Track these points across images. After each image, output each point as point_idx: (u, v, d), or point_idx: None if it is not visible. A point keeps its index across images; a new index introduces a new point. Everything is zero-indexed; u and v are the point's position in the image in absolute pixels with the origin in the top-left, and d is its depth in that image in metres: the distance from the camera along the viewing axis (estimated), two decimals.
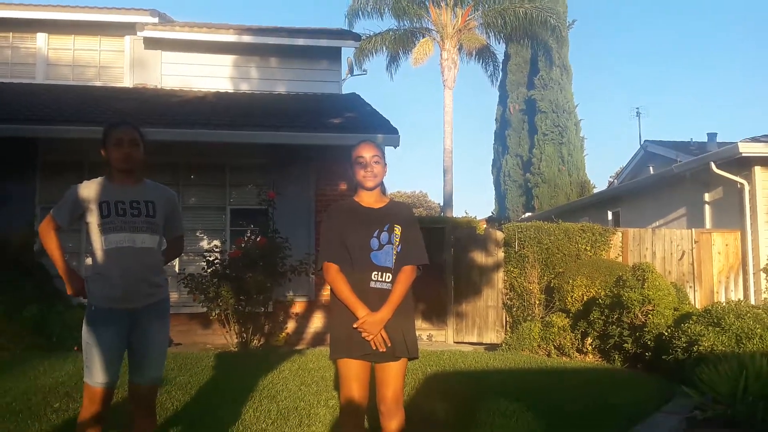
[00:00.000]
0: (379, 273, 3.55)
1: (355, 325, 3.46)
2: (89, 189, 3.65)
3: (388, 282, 3.56)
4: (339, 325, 3.58)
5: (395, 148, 11.06)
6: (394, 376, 3.58)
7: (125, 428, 3.81)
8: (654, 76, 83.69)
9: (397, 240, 3.60)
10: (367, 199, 3.71)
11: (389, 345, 3.48)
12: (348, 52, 15.67)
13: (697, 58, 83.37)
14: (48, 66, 13.47)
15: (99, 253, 3.59)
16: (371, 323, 3.44)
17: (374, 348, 3.46)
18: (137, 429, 3.72)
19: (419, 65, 24.64)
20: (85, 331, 3.56)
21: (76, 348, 8.68)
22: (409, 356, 3.60)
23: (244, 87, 13.74)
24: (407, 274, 3.59)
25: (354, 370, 3.53)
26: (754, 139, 12.95)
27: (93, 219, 3.60)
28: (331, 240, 3.62)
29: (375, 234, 3.58)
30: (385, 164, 3.77)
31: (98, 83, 13.44)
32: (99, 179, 3.71)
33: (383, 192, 3.81)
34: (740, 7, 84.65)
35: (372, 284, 3.54)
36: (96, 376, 3.51)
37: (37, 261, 10.51)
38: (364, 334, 3.45)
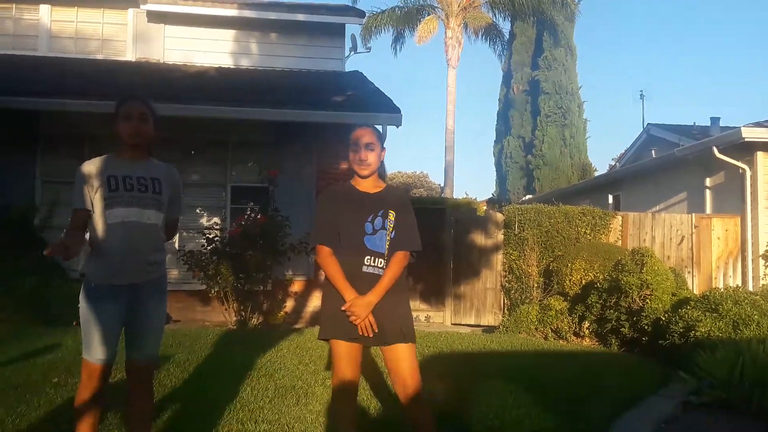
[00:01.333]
0: (372, 258, 3.54)
1: (343, 308, 3.46)
2: (94, 165, 3.62)
3: (380, 267, 3.55)
4: (328, 306, 3.58)
5: (397, 127, 11.07)
6: (402, 355, 3.55)
7: (123, 405, 3.81)
8: (659, 59, 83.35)
9: (391, 226, 3.59)
10: (364, 184, 3.68)
11: (376, 331, 3.47)
12: (352, 29, 15.59)
13: (703, 42, 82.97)
14: (51, 38, 13.40)
15: (100, 227, 3.55)
16: (359, 306, 3.43)
17: (361, 333, 3.46)
18: (134, 406, 3.70)
19: (423, 43, 24.68)
20: (83, 308, 3.54)
21: (75, 323, 8.72)
22: (404, 341, 3.56)
23: (246, 63, 13.69)
24: (399, 259, 3.58)
25: (344, 350, 3.52)
26: (758, 124, 12.91)
27: (97, 194, 3.55)
28: (324, 222, 3.61)
29: (369, 219, 3.57)
30: (383, 149, 3.72)
31: (101, 56, 13.38)
32: (103, 156, 3.68)
33: (382, 176, 3.79)
34: None
35: (364, 268, 3.53)
36: (95, 353, 3.50)
37: (38, 235, 10.53)
38: (351, 318, 3.45)
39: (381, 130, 11.00)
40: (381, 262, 3.55)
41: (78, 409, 3.55)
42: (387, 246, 3.58)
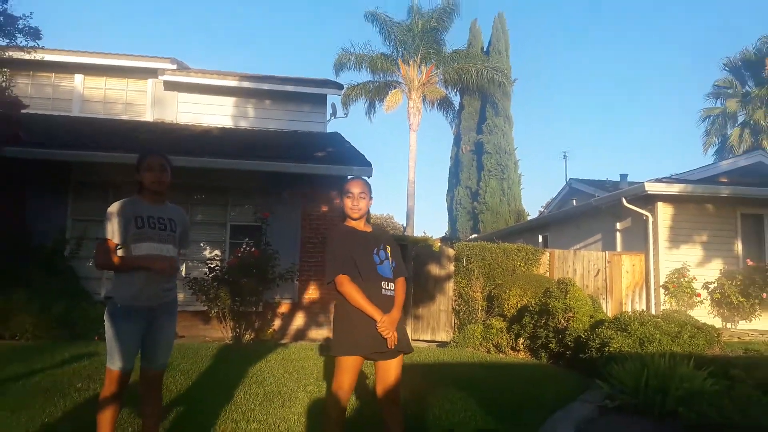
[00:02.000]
0: (386, 282, 3.58)
1: (377, 326, 3.43)
2: (123, 205, 3.61)
3: (392, 290, 3.61)
4: (348, 327, 3.50)
5: (368, 178, 11.10)
6: (395, 367, 3.58)
7: (134, 406, 3.73)
8: (579, 127, 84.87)
9: (390, 257, 3.66)
10: (358, 225, 3.71)
11: (396, 343, 3.50)
12: (334, 98, 15.73)
13: (614, 113, 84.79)
14: (83, 102, 13.34)
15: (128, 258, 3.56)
16: (390, 322, 3.46)
17: (390, 346, 3.46)
18: (147, 406, 3.68)
19: (390, 111, 24.92)
20: (109, 324, 3.52)
21: (96, 338, 8.54)
22: (409, 350, 3.62)
23: (244, 124, 13.71)
24: (403, 283, 3.68)
25: (353, 364, 3.49)
26: (658, 180, 13.16)
27: (126, 230, 3.55)
28: (340, 256, 3.55)
29: (374, 252, 3.61)
30: (371, 198, 3.77)
31: (125, 117, 13.33)
32: (130, 198, 3.68)
33: (368, 220, 3.84)
34: (648, 66, 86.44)
35: (384, 292, 3.55)
36: (117, 362, 3.48)
37: (67, 264, 10.36)
38: (384, 333, 3.43)
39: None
40: (392, 286, 3.62)
41: (101, 409, 3.49)
42: (392, 273, 3.65)
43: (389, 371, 3.56)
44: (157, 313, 3.61)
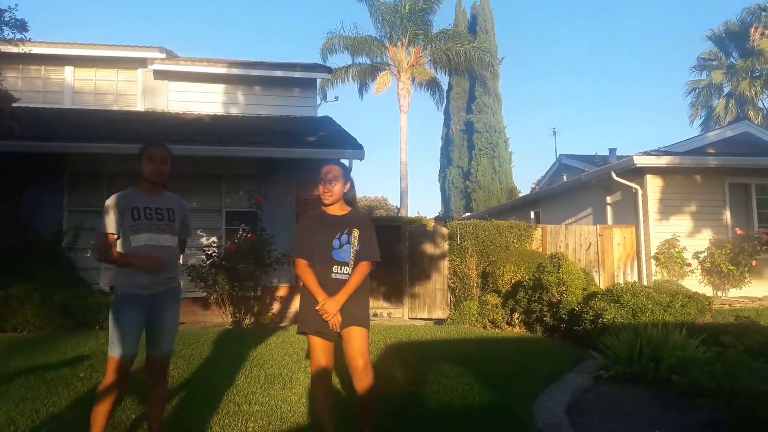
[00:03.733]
0: (339, 266, 3.65)
1: (316, 308, 3.56)
2: (119, 198, 3.62)
3: (346, 274, 3.65)
4: (304, 307, 3.70)
5: (360, 161, 11.06)
6: (353, 338, 3.61)
7: (142, 395, 3.74)
8: (567, 101, 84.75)
9: (356, 241, 3.69)
10: (332, 209, 3.80)
11: (340, 326, 3.58)
12: (324, 82, 15.63)
13: (602, 86, 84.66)
14: (74, 93, 13.21)
15: (128, 249, 3.57)
16: (330, 305, 3.54)
17: (331, 328, 3.57)
18: (153, 394, 3.70)
19: (380, 93, 24.80)
20: (112, 312, 3.53)
21: (97, 327, 8.54)
22: (356, 324, 3.62)
23: (235, 110, 13.61)
24: (362, 268, 3.68)
25: (319, 342, 3.67)
26: (646, 153, 13.18)
27: (124, 222, 3.57)
28: (301, 240, 3.73)
29: (337, 236, 3.68)
30: (348, 181, 3.82)
31: (115, 108, 13.21)
32: (126, 190, 3.68)
33: (350, 201, 3.87)
34: (641, 40, 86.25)
35: (333, 275, 3.64)
36: (117, 349, 3.47)
37: (65, 255, 10.33)
38: (324, 315, 3.54)
39: (348, 165, 11.06)
40: (346, 270, 3.66)
41: (98, 400, 3.47)
42: (352, 257, 3.68)
43: (349, 341, 3.63)
44: (161, 300, 3.62)
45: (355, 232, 3.70)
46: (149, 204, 3.64)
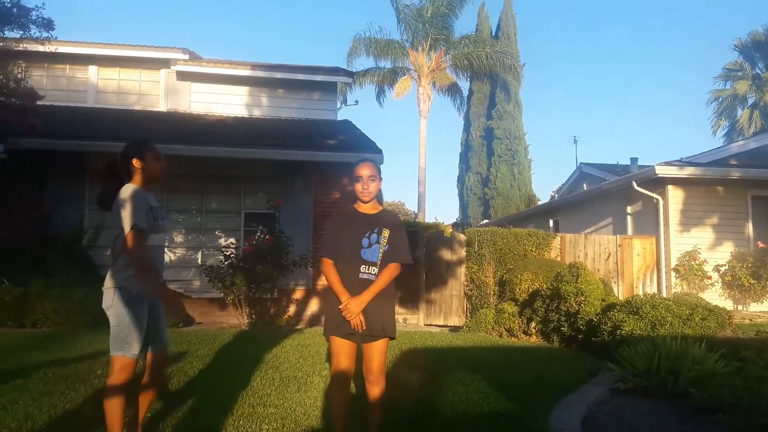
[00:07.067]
0: (367, 266, 3.57)
1: (339, 308, 3.49)
2: (142, 194, 3.54)
3: (373, 274, 3.57)
4: (329, 308, 3.62)
5: (379, 165, 11.09)
6: (377, 352, 3.59)
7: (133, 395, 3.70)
8: (589, 110, 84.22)
9: (385, 241, 3.62)
10: (364, 207, 3.73)
11: (364, 327, 3.49)
12: (345, 86, 15.67)
13: (624, 95, 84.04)
14: (97, 93, 13.38)
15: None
16: (353, 304, 3.46)
17: (354, 329, 3.48)
18: (150, 387, 3.69)
19: (400, 98, 24.78)
20: (125, 312, 3.48)
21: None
22: (385, 335, 3.59)
23: (257, 113, 13.71)
24: (391, 269, 3.61)
25: (342, 346, 3.56)
26: (668, 163, 13.05)
27: (148, 220, 3.52)
28: (330, 239, 3.67)
29: (366, 235, 3.60)
30: (381, 179, 3.78)
31: (138, 107, 13.36)
32: (138, 187, 3.58)
33: (380, 200, 3.83)
34: (663, 54, 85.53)
35: (360, 275, 3.56)
36: (135, 348, 3.47)
37: (85, 253, 10.43)
38: (346, 315, 3.47)
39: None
40: (374, 270, 3.58)
41: (111, 397, 3.45)
42: (380, 257, 3.60)
43: (369, 354, 3.60)
44: (152, 297, 3.62)
45: (386, 232, 3.64)
46: (154, 203, 3.65)
